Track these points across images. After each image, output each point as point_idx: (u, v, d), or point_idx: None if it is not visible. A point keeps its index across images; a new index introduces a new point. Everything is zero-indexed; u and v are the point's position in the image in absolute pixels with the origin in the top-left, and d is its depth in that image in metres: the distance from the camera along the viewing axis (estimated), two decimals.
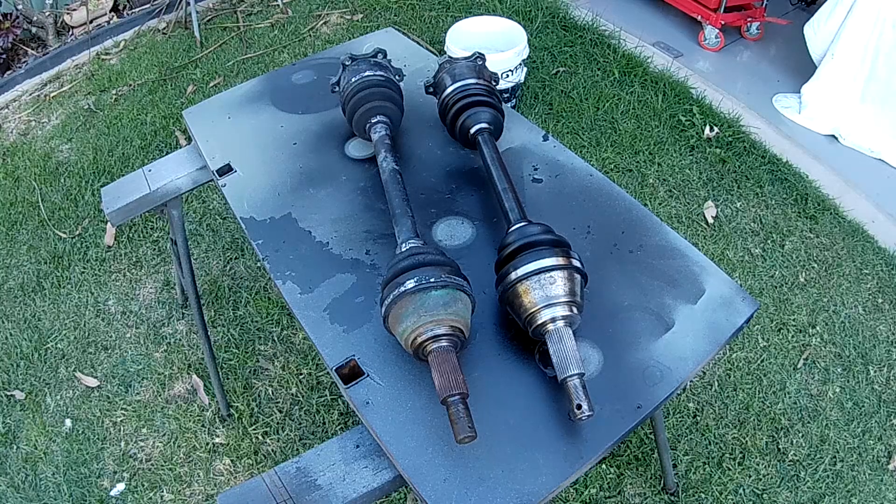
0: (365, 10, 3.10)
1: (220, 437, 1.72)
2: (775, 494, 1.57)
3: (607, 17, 2.93)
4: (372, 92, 1.09)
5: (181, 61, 2.91)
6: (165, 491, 1.64)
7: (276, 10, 3.18)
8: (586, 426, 0.79)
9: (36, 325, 1.99)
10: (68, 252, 2.17)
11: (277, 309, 1.97)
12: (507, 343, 0.88)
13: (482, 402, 0.80)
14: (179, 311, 2.00)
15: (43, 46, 3.09)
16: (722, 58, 2.88)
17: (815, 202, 2.22)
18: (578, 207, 1.06)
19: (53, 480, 1.67)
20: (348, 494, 0.80)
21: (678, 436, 1.67)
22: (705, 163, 2.36)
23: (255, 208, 1.09)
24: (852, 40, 2.30)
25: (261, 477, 0.82)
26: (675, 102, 2.55)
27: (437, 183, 1.12)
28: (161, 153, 2.44)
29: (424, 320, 0.77)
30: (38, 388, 1.86)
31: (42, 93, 2.88)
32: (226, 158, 1.19)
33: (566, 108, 2.53)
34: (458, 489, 0.74)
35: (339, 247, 1.02)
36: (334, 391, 1.78)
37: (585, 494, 1.56)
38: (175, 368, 1.86)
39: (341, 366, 0.86)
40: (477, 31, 2.44)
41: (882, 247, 2.12)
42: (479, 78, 1.12)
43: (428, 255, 0.83)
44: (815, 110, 2.50)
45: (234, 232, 2.20)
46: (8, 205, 2.36)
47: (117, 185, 1.31)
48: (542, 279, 0.79)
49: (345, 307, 0.93)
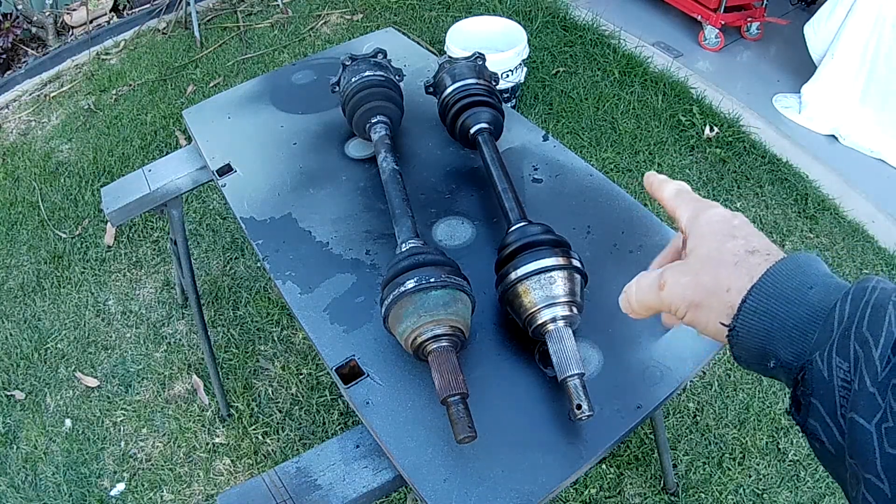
0: (365, 10, 3.10)
1: (220, 437, 1.72)
2: (775, 494, 1.57)
3: (607, 17, 2.93)
4: (372, 92, 1.09)
5: (181, 61, 2.91)
6: (165, 491, 1.64)
7: (276, 10, 3.18)
8: (586, 426, 0.79)
9: (36, 325, 1.99)
10: (68, 252, 2.17)
11: (277, 309, 1.97)
12: (507, 343, 0.88)
13: (482, 402, 0.80)
14: (179, 311, 2.00)
15: (43, 46, 3.09)
16: (722, 58, 2.88)
17: (815, 202, 2.22)
18: (578, 207, 1.06)
19: (53, 480, 1.67)
20: (348, 494, 0.79)
21: (678, 436, 1.67)
22: (705, 163, 2.36)
23: (255, 208, 1.09)
24: (852, 40, 2.30)
25: (261, 477, 0.82)
26: (675, 102, 2.55)
27: (437, 183, 1.12)
28: (161, 153, 2.44)
29: (424, 320, 0.77)
30: (38, 388, 1.86)
31: (42, 93, 2.88)
32: (226, 158, 1.19)
33: (566, 108, 2.53)
34: (458, 489, 0.74)
35: (339, 247, 1.02)
36: (334, 391, 1.78)
37: (585, 494, 1.56)
38: (175, 368, 1.86)
39: (341, 366, 0.86)
40: (477, 31, 2.44)
41: (882, 247, 2.12)
42: (479, 78, 1.12)
43: (428, 255, 0.83)
44: (815, 110, 2.50)
45: (234, 232, 2.20)
46: (8, 205, 2.36)
47: (117, 185, 1.31)
48: (542, 279, 0.79)
49: (345, 307, 0.93)
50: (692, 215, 0.47)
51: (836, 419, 0.32)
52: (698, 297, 0.42)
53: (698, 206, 0.48)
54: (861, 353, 0.32)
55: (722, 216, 0.45)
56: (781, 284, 0.37)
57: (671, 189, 0.52)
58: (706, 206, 0.47)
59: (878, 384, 0.31)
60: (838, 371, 0.33)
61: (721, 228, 0.44)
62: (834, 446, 0.33)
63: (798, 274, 0.37)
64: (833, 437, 0.33)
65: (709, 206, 0.47)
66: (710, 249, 0.43)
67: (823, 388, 0.33)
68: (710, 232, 0.44)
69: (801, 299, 0.36)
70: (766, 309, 0.37)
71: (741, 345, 0.39)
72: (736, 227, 0.43)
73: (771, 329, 0.37)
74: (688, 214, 0.48)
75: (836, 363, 0.33)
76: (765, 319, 0.37)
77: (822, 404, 0.33)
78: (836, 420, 0.33)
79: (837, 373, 0.33)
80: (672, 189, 0.52)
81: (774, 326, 0.37)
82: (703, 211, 0.46)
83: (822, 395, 0.33)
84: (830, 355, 0.33)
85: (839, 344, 0.33)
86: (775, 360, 0.37)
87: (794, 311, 0.36)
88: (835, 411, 0.33)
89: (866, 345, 0.32)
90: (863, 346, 0.32)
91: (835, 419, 0.33)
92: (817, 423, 0.34)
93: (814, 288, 0.36)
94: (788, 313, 0.36)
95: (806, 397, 0.34)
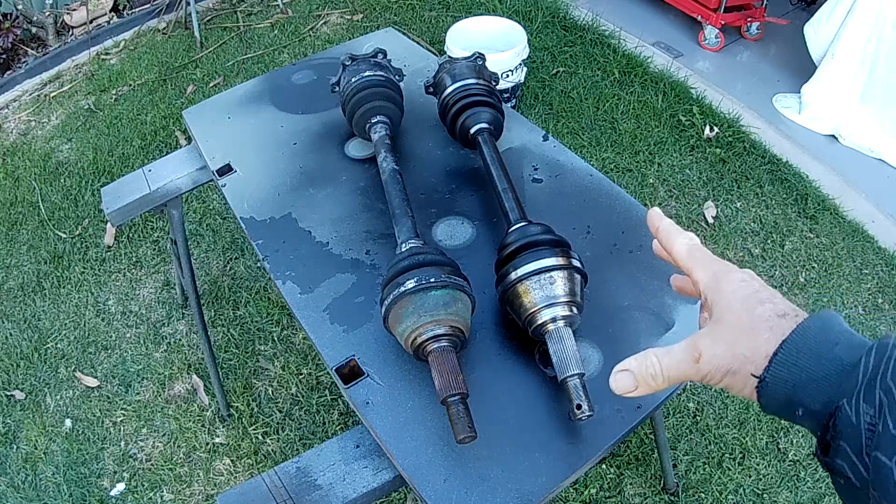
0: (365, 10, 3.10)
1: (220, 437, 1.72)
2: (775, 494, 1.57)
3: (607, 17, 2.93)
4: (372, 92, 1.09)
5: (181, 61, 2.91)
6: (165, 491, 1.64)
7: (276, 10, 3.18)
8: (586, 426, 0.79)
9: (36, 325, 1.99)
10: (68, 252, 2.17)
11: (277, 309, 1.97)
12: (507, 343, 0.88)
13: (482, 402, 0.80)
14: (179, 311, 2.00)
15: (43, 46, 3.09)
16: (722, 58, 2.88)
17: (815, 202, 2.22)
18: (578, 207, 1.06)
19: (53, 480, 1.67)
20: (348, 494, 0.79)
21: (678, 436, 1.67)
22: (705, 163, 2.36)
23: (255, 208, 1.09)
24: (852, 40, 2.30)
25: (261, 477, 0.82)
26: (675, 102, 2.55)
27: (437, 183, 1.12)
28: (161, 153, 2.44)
29: (424, 320, 0.77)
30: (38, 388, 1.86)
31: (42, 93, 2.88)
32: (226, 158, 1.19)
33: (566, 108, 2.53)
34: (458, 489, 0.74)
35: (339, 247, 1.02)
36: (334, 391, 1.78)
37: (585, 494, 1.56)
38: (175, 368, 1.86)
39: (341, 366, 0.86)
40: (477, 31, 2.44)
41: (882, 247, 2.12)
42: (479, 78, 1.12)
43: (428, 255, 0.83)
44: (816, 110, 2.50)
45: (234, 232, 2.20)
46: (8, 205, 2.36)
47: (117, 185, 1.31)
48: (542, 279, 0.79)
49: (345, 307, 0.93)
50: (712, 280, 0.48)
51: (862, 458, 0.37)
52: (735, 365, 0.44)
53: (716, 269, 0.48)
54: (885, 400, 0.36)
55: (743, 280, 0.46)
56: (810, 340, 0.41)
57: (682, 246, 0.52)
58: (724, 269, 0.48)
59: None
60: (865, 416, 0.37)
61: (747, 294, 0.45)
62: (860, 481, 0.37)
63: (825, 330, 0.41)
64: (859, 473, 0.37)
65: (727, 269, 0.48)
66: (741, 318, 0.44)
67: (851, 431, 0.37)
68: (737, 299, 0.45)
69: (829, 354, 0.40)
70: (794, 362, 0.41)
71: (769, 394, 0.42)
72: (758, 291, 0.45)
73: (799, 381, 0.41)
74: (706, 278, 0.48)
75: (863, 409, 0.37)
76: (794, 371, 0.41)
77: (849, 446, 0.37)
78: (861, 459, 0.37)
79: (864, 417, 0.37)
80: (684, 246, 0.52)
81: (803, 378, 0.41)
82: (724, 275, 0.47)
83: (850, 437, 0.37)
84: (858, 402, 0.37)
85: (866, 392, 0.37)
86: (803, 408, 0.41)
87: (822, 365, 0.40)
88: (860, 451, 0.37)
89: (890, 393, 0.36)
90: (887, 394, 0.36)
91: (860, 458, 0.37)
92: (844, 462, 0.38)
93: (839, 344, 0.40)
94: (817, 367, 0.40)
95: (836, 441, 0.38)
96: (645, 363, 0.48)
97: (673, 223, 0.54)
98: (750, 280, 0.47)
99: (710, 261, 0.50)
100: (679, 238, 0.52)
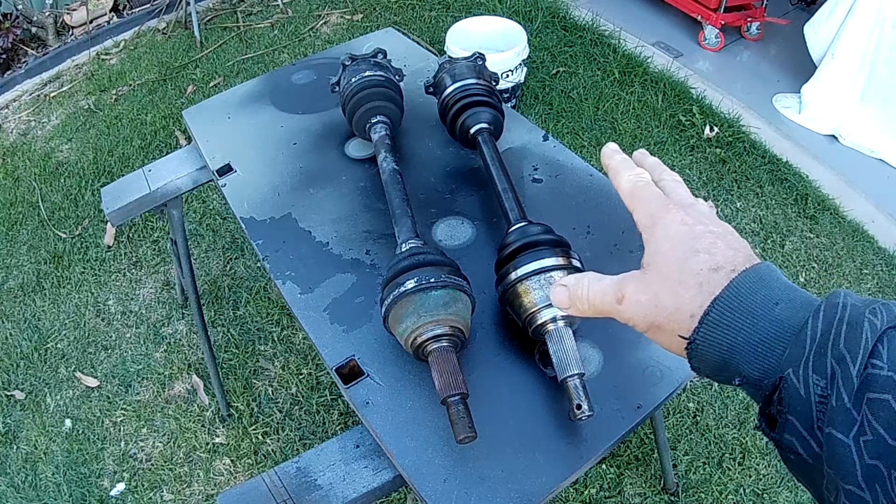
0: (365, 10, 3.10)
1: (220, 437, 1.72)
2: (775, 494, 1.57)
3: (607, 17, 2.93)
4: (372, 92, 1.09)
5: (181, 61, 2.91)
6: (165, 491, 1.64)
7: (276, 10, 3.18)
8: (586, 426, 0.79)
9: (36, 325, 1.99)
10: (68, 252, 2.17)
11: (277, 309, 1.97)
12: (507, 343, 0.88)
13: (482, 402, 0.80)
14: (179, 311, 2.00)
15: (43, 46, 3.09)
16: (722, 58, 2.88)
17: (815, 202, 2.22)
18: (578, 207, 1.06)
19: (53, 480, 1.67)
20: (348, 494, 0.79)
21: (678, 436, 1.67)
22: (705, 163, 2.36)
23: (255, 208, 1.09)
24: (852, 40, 2.30)
25: (261, 477, 0.82)
26: (675, 102, 2.55)
27: (437, 183, 1.12)
28: (161, 153, 2.44)
29: (424, 320, 0.77)
30: (38, 388, 1.86)
31: (42, 93, 2.88)
32: (226, 158, 1.19)
33: (566, 108, 2.53)
34: (458, 489, 0.74)
35: (339, 247, 1.02)
36: (334, 391, 1.78)
37: (585, 494, 1.56)
38: (175, 368, 1.86)
39: (341, 366, 0.86)
40: (477, 31, 2.44)
41: (882, 247, 2.12)
42: (479, 78, 1.12)
43: (428, 255, 0.83)
44: (816, 110, 2.50)
45: (234, 232, 2.20)
46: (8, 205, 2.36)
47: (117, 185, 1.31)
48: (542, 279, 0.79)
49: (345, 307, 0.93)
50: (648, 221, 0.43)
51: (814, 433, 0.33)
52: (659, 319, 0.40)
53: (655, 208, 0.43)
54: (838, 369, 0.32)
55: (682, 223, 0.41)
56: (745, 299, 0.36)
57: (627, 182, 0.46)
58: (663, 208, 0.43)
59: (854, 399, 0.31)
60: (815, 388, 0.33)
61: (682, 240, 0.40)
62: (812, 457, 0.33)
63: (762, 287, 0.36)
64: (811, 449, 0.33)
65: (666, 208, 0.43)
66: (670, 268, 0.39)
67: (800, 404, 0.33)
68: (669, 247, 0.40)
69: (768, 315, 0.36)
70: (728, 323, 0.36)
71: (700, 356, 0.38)
72: (697, 238, 0.40)
73: (734, 343, 0.36)
74: (644, 219, 0.43)
75: (812, 380, 0.33)
76: (728, 334, 0.36)
77: (798, 420, 0.33)
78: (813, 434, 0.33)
79: (815, 389, 0.33)
80: (628, 183, 0.46)
81: (738, 341, 0.36)
82: (661, 217, 0.42)
83: (799, 411, 0.33)
84: (806, 372, 0.33)
85: (815, 361, 0.33)
86: (739, 376, 0.36)
87: (760, 327, 0.35)
88: (811, 426, 0.33)
89: (843, 361, 0.32)
90: (840, 362, 0.32)
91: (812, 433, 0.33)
92: (793, 437, 0.34)
93: (780, 304, 0.36)
94: (753, 329, 0.36)
95: (782, 415, 0.34)
96: (579, 283, 0.45)
97: (627, 159, 0.49)
98: (692, 224, 0.40)
99: (653, 199, 0.44)
100: (625, 175, 0.46)
